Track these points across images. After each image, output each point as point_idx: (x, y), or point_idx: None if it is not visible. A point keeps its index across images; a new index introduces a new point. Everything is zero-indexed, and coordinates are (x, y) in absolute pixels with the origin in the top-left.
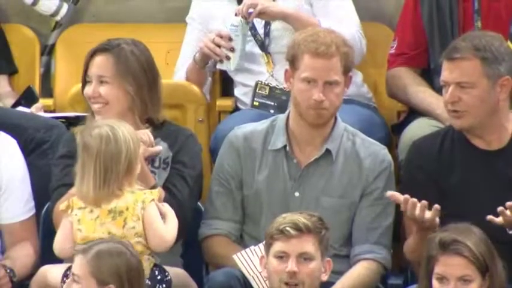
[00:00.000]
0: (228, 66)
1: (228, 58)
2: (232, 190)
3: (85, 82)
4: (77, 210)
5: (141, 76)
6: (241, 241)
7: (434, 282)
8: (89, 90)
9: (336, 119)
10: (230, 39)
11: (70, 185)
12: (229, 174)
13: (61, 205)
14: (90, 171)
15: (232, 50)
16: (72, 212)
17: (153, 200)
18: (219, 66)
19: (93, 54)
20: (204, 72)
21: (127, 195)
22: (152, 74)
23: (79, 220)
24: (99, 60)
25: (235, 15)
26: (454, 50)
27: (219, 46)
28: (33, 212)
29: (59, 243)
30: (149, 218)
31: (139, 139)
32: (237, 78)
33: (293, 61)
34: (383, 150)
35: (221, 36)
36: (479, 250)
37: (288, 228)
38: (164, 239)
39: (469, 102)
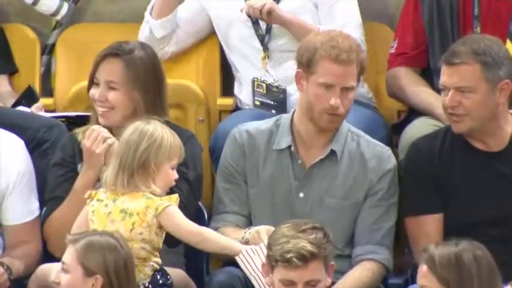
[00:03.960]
0: None
1: None
2: (239, 185)
3: (92, 82)
4: (95, 201)
5: (148, 82)
6: None
7: None
8: (95, 93)
9: None
10: None
11: (61, 198)
12: (234, 169)
13: (85, 194)
14: (116, 155)
15: None
16: (91, 202)
17: (169, 205)
18: None
19: (104, 57)
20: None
21: (141, 198)
22: (158, 79)
23: (93, 211)
24: (109, 64)
25: (241, 11)
26: (453, 54)
27: None
28: (37, 213)
29: (74, 230)
30: (170, 219)
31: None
32: (234, 60)
33: (308, 65)
34: (388, 152)
35: None
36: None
37: (294, 259)
38: (199, 232)
39: (469, 107)
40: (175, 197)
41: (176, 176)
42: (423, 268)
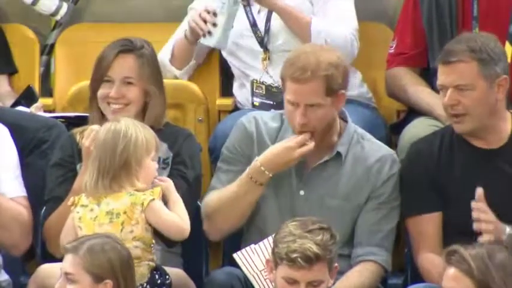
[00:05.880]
0: (209, 42)
1: (210, 33)
2: (239, 170)
3: (100, 82)
4: (80, 208)
5: (158, 77)
6: (246, 232)
7: None
8: (109, 90)
9: (346, 121)
10: (215, 14)
11: (60, 198)
12: (239, 153)
13: (69, 201)
14: (93, 159)
15: (214, 25)
16: (75, 209)
17: (153, 199)
18: (202, 40)
19: (117, 54)
20: (190, 50)
21: (125, 196)
22: (161, 75)
23: (80, 218)
24: (123, 61)
25: None
26: (450, 53)
27: (205, 21)
28: (25, 194)
29: (62, 238)
30: (154, 213)
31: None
32: (233, 61)
33: (281, 80)
34: (392, 156)
35: (208, 12)
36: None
37: (298, 260)
38: (180, 227)
39: (468, 105)
40: (157, 190)
41: (156, 165)
42: (451, 271)
